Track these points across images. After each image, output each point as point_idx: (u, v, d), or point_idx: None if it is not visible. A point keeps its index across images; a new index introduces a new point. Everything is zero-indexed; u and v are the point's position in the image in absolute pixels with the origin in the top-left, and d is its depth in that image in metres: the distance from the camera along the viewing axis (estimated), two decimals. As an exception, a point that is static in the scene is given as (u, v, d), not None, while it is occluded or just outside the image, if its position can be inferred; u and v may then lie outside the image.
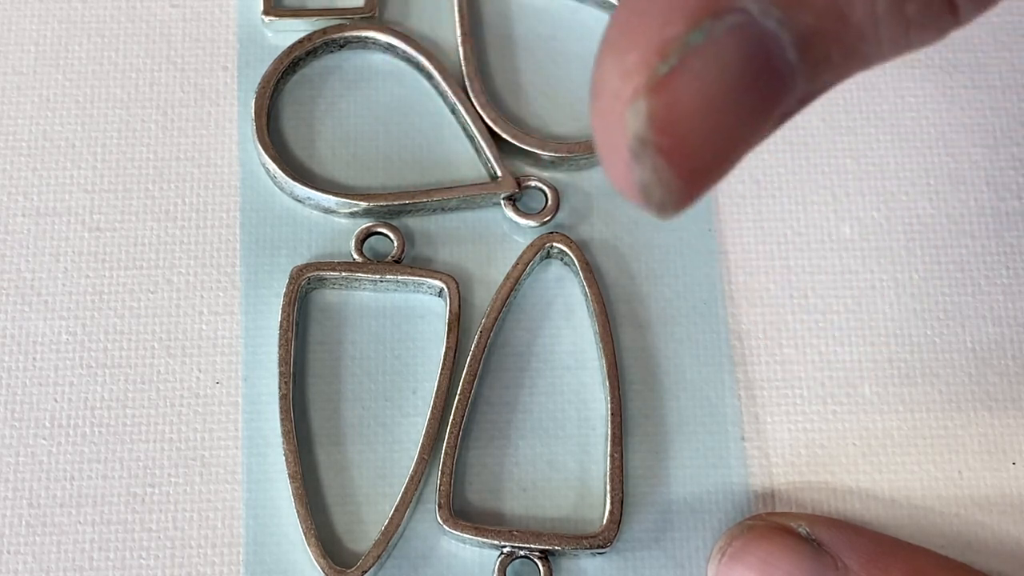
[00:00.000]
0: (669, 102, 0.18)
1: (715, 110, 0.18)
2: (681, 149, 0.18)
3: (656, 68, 0.18)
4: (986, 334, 0.30)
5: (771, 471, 0.29)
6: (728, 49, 0.18)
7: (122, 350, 0.29)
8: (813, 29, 0.19)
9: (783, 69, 0.19)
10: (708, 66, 0.18)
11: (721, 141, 0.19)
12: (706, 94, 0.18)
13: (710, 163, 0.19)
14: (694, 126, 0.18)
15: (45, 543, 0.28)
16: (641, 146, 0.18)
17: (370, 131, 0.32)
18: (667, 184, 0.19)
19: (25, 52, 0.32)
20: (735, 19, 0.18)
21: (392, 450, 0.29)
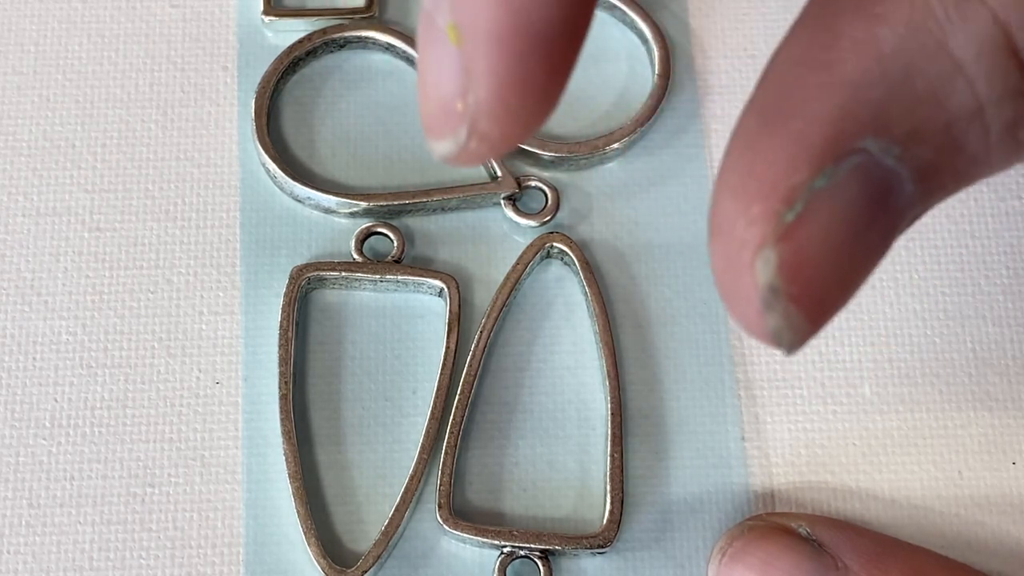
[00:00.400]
0: (797, 249, 0.18)
1: (842, 251, 0.18)
2: (811, 293, 0.18)
3: (783, 216, 0.18)
4: (986, 334, 0.30)
5: (771, 471, 0.29)
6: (851, 190, 0.18)
7: (122, 350, 0.29)
8: (930, 162, 0.19)
9: (902, 201, 0.19)
10: (833, 209, 0.18)
11: (847, 278, 0.19)
12: (833, 237, 0.18)
13: (837, 300, 0.19)
14: (822, 270, 0.18)
15: (45, 543, 0.28)
16: (773, 295, 0.18)
17: (370, 131, 0.32)
18: (797, 327, 0.19)
19: (25, 52, 0.32)
20: (856, 160, 0.18)
21: (392, 450, 0.29)
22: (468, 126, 0.19)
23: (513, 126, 0.19)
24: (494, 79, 0.18)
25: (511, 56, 0.18)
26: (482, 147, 0.19)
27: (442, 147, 0.20)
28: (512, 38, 0.18)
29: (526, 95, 0.19)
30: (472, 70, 0.18)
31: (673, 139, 0.32)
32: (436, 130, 0.19)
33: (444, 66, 0.19)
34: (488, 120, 0.19)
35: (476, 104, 0.18)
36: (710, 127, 0.32)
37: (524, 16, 0.18)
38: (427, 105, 0.19)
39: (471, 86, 0.18)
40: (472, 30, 0.18)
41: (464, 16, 0.18)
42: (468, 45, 0.18)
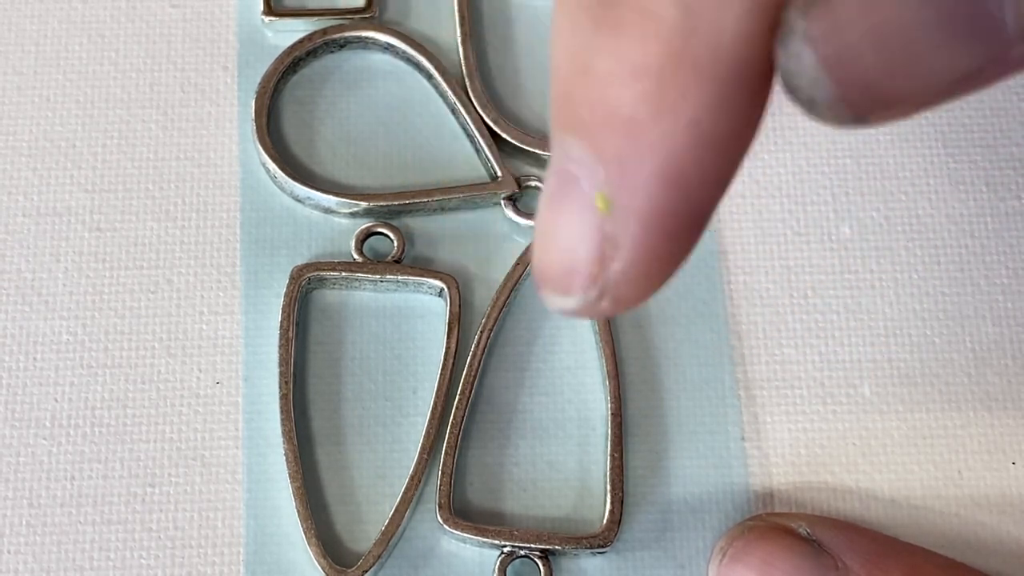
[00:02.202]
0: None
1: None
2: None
3: None
4: (986, 334, 0.30)
5: (771, 471, 0.29)
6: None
7: (122, 350, 0.29)
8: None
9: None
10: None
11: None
12: None
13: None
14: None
15: (45, 543, 0.28)
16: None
17: (370, 131, 0.32)
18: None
19: (25, 52, 0.32)
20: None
21: (392, 450, 0.29)
22: (600, 289, 0.18)
23: (649, 290, 0.18)
24: (644, 254, 0.17)
25: (666, 234, 0.17)
26: (613, 307, 0.18)
27: (563, 302, 0.19)
28: (671, 218, 0.17)
29: (670, 265, 0.18)
30: (619, 241, 0.17)
31: (673, 139, 0.32)
32: (558, 287, 0.18)
33: (582, 229, 0.18)
34: (626, 286, 0.18)
35: (619, 273, 0.18)
36: (710, 127, 0.32)
37: (689, 198, 0.17)
38: (550, 262, 0.18)
39: (615, 255, 0.18)
40: (628, 207, 0.17)
41: (623, 192, 0.17)
42: (620, 218, 0.17)
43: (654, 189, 0.17)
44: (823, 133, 0.32)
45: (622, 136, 0.17)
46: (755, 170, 0.32)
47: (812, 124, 0.32)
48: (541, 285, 0.19)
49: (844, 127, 0.17)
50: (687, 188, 0.17)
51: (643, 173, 0.17)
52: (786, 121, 0.32)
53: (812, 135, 0.32)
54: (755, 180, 0.31)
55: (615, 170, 0.17)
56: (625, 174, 0.17)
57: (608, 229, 0.18)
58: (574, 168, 0.18)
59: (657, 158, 0.17)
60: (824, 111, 0.17)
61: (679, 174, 0.17)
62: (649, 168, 0.17)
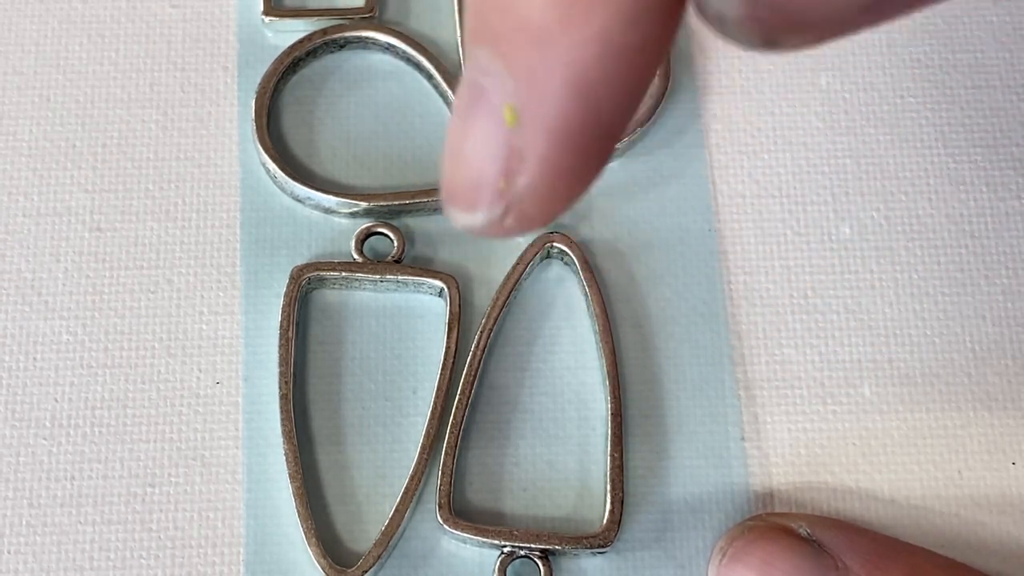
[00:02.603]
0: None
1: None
2: None
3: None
4: (986, 334, 0.30)
5: (771, 471, 0.29)
6: None
7: (122, 350, 0.29)
8: None
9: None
10: None
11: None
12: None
13: None
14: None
15: (45, 543, 0.28)
16: None
17: (370, 131, 0.32)
18: None
19: (25, 52, 0.32)
20: None
21: (392, 450, 0.29)
22: (507, 205, 0.18)
23: (555, 208, 0.18)
24: (550, 167, 0.17)
25: (573, 147, 0.17)
26: (519, 225, 0.18)
27: (469, 219, 0.19)
28: (580, 131, 0.17)
29: (577, 183, 0.18)
30: (525, 153, 0.17)
31: (673, 139, 0.32)
32: (465, 202, 0.18)
33: (489, 142, 0.18)
34: (532, 202, 0.18)
35: (524, 187, 0.18)
36: (710, 127, 0.32)
37: (597, 110, 0.17)
38: (458, 176, 0.18)
39: (521, 169, 0.18)
40: (536, 118, 0.17)
41: (531, 103, 0.17)
42: (527, 129, 0.17)
43: (562, 100, 0.17)
44: (823, 133, 0.32)
45: (531, 46, 0.17)
46: (755, 170, 0.32)
47: (812, 124, 0.32)
48: (447, 201, 0.19)
49: (754, 49, 0.17)
50: (595, 100, 0.17)
51: (551, 83, 0.17)
52: (786, 121, 0.32)
53: (812, 135, 0.32)
54: (755, 180, 0.31)
55: (524, 81, 0.17)
56: (534, 84, 0.17)
57: (515, 142, 0.17)
58: (484, 80, 0.18)
59: (566, 68, 0.17)
60: (733, 29, 0.16)
61: (587, 85, 0.17)
62: (558, 78, 0.17)
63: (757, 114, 0.32)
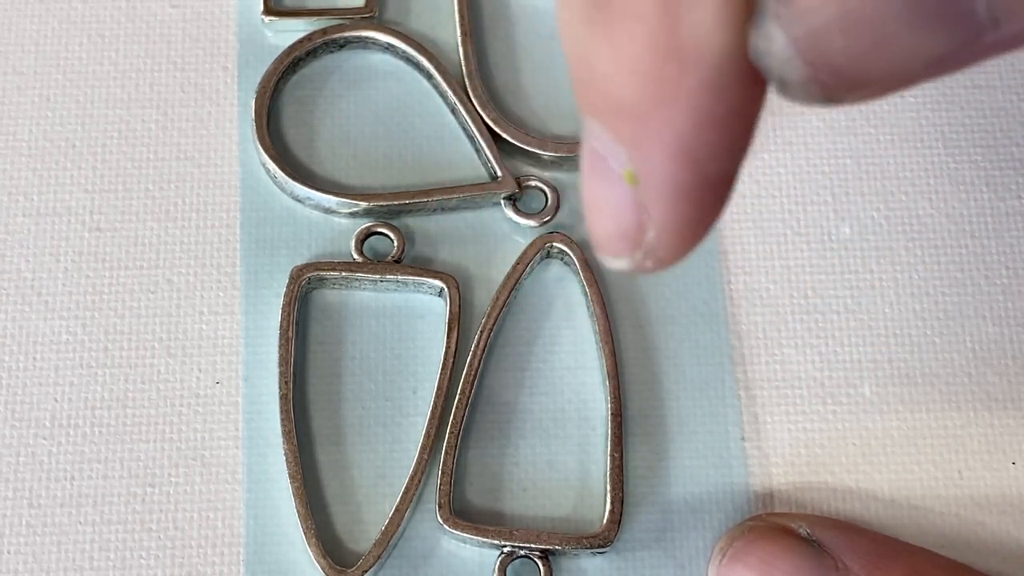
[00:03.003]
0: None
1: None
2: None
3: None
4: (986, 334, 0.30)
5: (771, 471, 0.29)
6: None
7: (122, 350, 0.29)
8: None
9: None
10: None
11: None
12: None
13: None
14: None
15: (45, 543, 0.28)
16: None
17: (370, 131, 0.32)
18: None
19: (25, 52, 0.32)
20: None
21: (392, 450, 0.29)
22: (644, 252, 0.20)
23: (685, 251, 0.20)
24: (673, 222, 0.19)
25: (689, 202, 0.19)
26: (657, 266, 0.20)
27: (618, 264, 0.20)
28: (691, 190, 0.18)
29: (700, 228, 0.19)
30: (650, 210, 0.19)
31: (673, 139, 0.32)
32: (612, 251, 0.20)
33: (619, 202, 0.19)
34: (665, 249, 0.19)
35: (655, 238, 0.19)
36: (710, 127, 0.32)
37: (703, 171, 0.18)
38: (601, 231, 0.20)
39: (649, 223, 0.19)
40: (650, 180, 0.18)
41: (642, 168, 0.18)
42: (646, 191, 0.19)
43: (668, 167, 0.18)
44: (823, 133, 0.32)
45: (632, 122, 0.18)
46: (755, 170, 0.32)
47: (812, 124, 0.32)
48: (596, 249, 0.21)
49: (816, 106, 0.18)
50: (699, 163, 0.18)
51: (656, 154, 0.18)
52: (786, 121, 0.32)
53: (812, 135, 0.32)
54: (755, 180, 0.31)
55: (633, 151, 0.18)
56: (641, 154, 0.18)
57: (640, 199, 0.19)
58: (600, 148, 0.19)
59: (665, 140, 0.18)
60: (795, 91, 0.17)
61: (688, 153, 0.18)
62: (660, 149, 0.18)
63: (757, 114, 0.32)
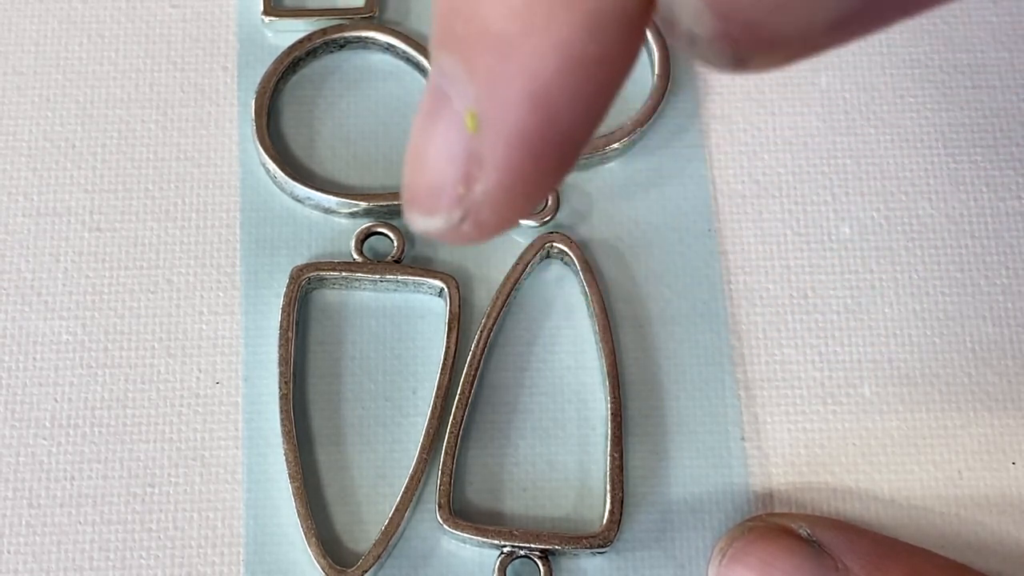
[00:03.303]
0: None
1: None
2: None
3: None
4: (986, 334, 0.30)
5: (771, 471, 0.29)
6: None
7: (122, 350, 0.29)
8: None
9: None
10: None
11: None
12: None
13: None
14: None
15: (45, 543, 0.28)
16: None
17: (370, 131, 0.32)
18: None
19: (25, 52, 0.32)
20: None
21: (392, 450, 0.29)
22: (465, 210, 0.18)
23: (513, 216, 0.18)
24: (508, 175, 0.17)
25: (532, 156, 0.17)
26: (475, 232, 0.18)
27: (427, 223, 0.19)
28: (539, 140, 0.17)
29: (533, 192, 0.18)
30: (484, 160, 0.17)
31: (673, 139, 0.32)
32: (424, 207, 0.18)
33: (450, 147, 0.18)
34: (489, 209, 0.18)
35: (482, 194, 0.18)
36: (710, 127, 0.32)
37: (556, 121, 0.17)
38: (418, 180, 0.18)
39: (479, 175, 0.18)
40: (495, 124, 0.17)
41: (490, 110, 0.17)
42: (487, 136, 0.17)
43: (521, 108, 0.17)
44: (823, 133, 0.32)
45: (492, 53, 0.17)
46: (755, 170, 0.32)
47: (812, 124, 0.32)
48: (408, 205, 0.19)
49: (723, 69, 0.17)
50: (555, 110, 0.17)
51: (511, 92, 0.17)
52: (786, 121, 0.32)
53: (812, 135, 0.32)
54: (755, 180, 0.31)
55: (484, 88, 0.17)
56: (494, 92, 0.17)
57: (475, 148, 0.17)
58: (447, 85, 0.18)
59: (525, 77, 0.17)
60: (705, 48, 0.16)
61: (547, 95, 0.17)
62: (517, 87, 0.17)
63: (757, 114, 0.32)
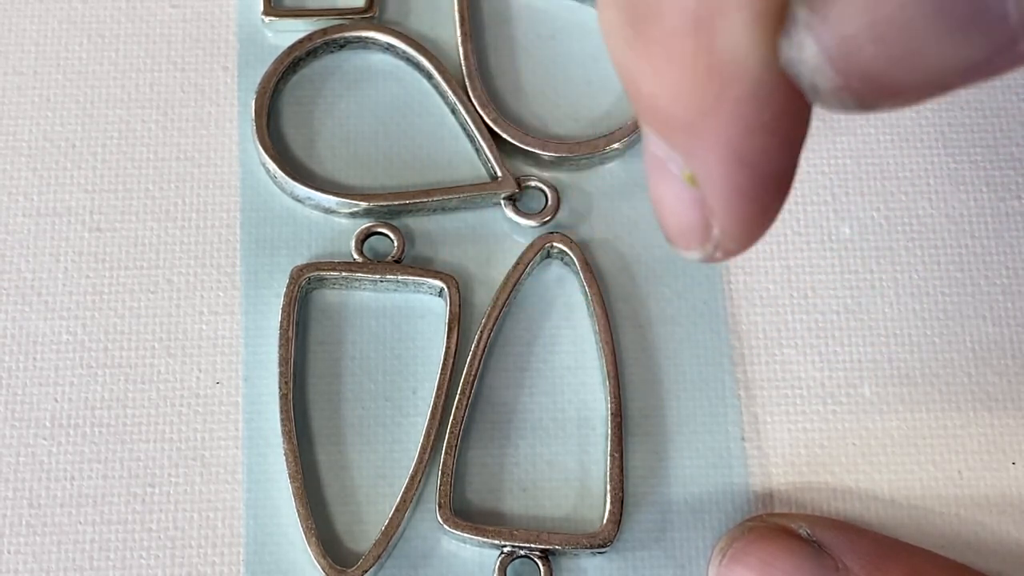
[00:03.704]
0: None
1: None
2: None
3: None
4: (986, 334, 0.30)
5: (771, 471, 0.29)
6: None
7: (122, 350, 0.29)
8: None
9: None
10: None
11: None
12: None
13: None
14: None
15: (45, 543, 0.28)
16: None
17: (370, 131, 0.32)
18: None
19: (25, 52, 0.32)
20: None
21: (392, 450, 0.29)
22: (713, 244, 0.21)
23: (753, 239, 0.21)
24: (736, 216, 0.20)
25: (747, 199, 0.19)
26: (727, 256, 0.21)
27: (691, 255, 0.21)
28: (748, 189, 0.19)
29: (763, 220, 0.20)
30: (713, 208, 0.20)
31: (673, 139, 0.32)
32: (684, 245, 0.21)
33: (683, 201, 0.20)
34: (731, 241, 0.20)
35: (721, 232, 0.20)
36: (710, 127, 0.32)
37: (758, 172, 0.19)
38: (671, 227, 0.21)
39: (714, 220, 0.20)
40: (708, 183, 0.19)
41: (699, 173, 0.19)
42: (707, 191, 0.20)
43: (723, 171, 0.19)
44: (823, 133, 0.32)
45: (683, 133, 0.19)
46: (755, 170, 0.32)
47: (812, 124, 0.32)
48: (670, 243, 0.22)
49: (849, 113, 0.18)
50: (752, 165, 0.19)
51: (710, 160, 0.19)
52: (786, 121, 0.32)
53: (812, 135, 0.32)
54: (755, 180, 0.31)
55: (687, 157, 0.19)
56: (696, 161, 0.19)
57: (702, 198, 0.20)
58: (659, 152, 0.20)
59: (717, 148, 0.19)
60: (827, 98, 0.17)
61: (740, 157, 0.19)
62: (714, 156, 0.19)
63: (757, 114, 0.32)
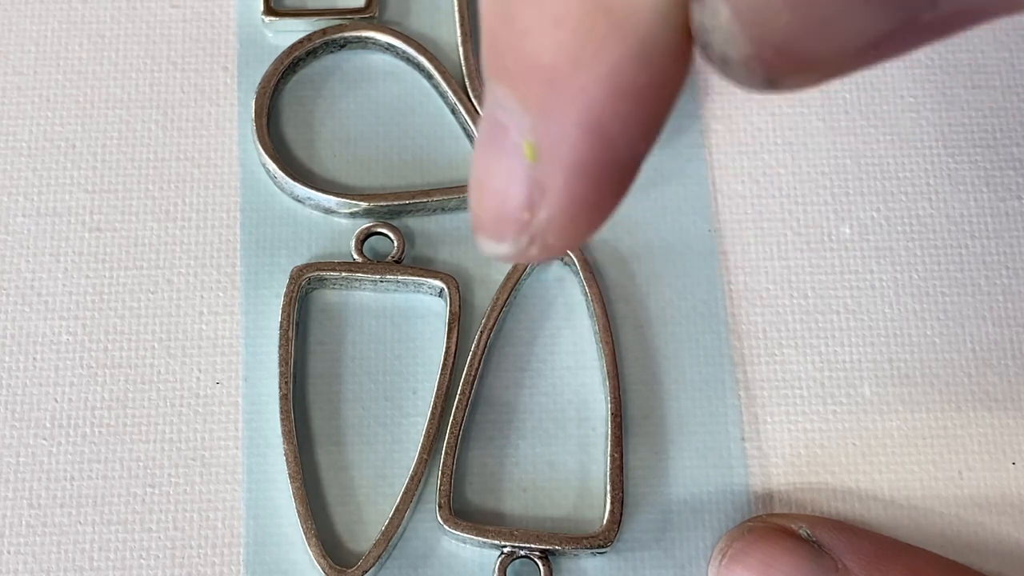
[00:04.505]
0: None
1: None
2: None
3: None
4: (986, 334, 0.30)
5: (771, 471, 0.29)
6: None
7: (122, 350, 0.29)
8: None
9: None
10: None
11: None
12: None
13: None
14: None
15: (45, 543, 0.28)
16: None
17: (370, 131, 0.32)
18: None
19: (25, 52, 0.32)
20: None
21: (392, 450, 0.29)
22: (531, 236, 0.19)
23: (576, 239, 0.19)
24: (569, 202, 0.18)
25: (590, 183, 0.18)
26: (542, 255, 0.19)
27: (496, 248, 0.19)
28: (596, 167, 0.18)
29: (597, 214, 0.18)
30: (545, 188, 0.18)
31: (673, 139, 0.32)
32: (492, 233, 0.19)
33: (512, 177, 0.18)
34: (554, 234, 0.18)
35: (546, 220, 0.18)
36: (710, 127, 0.32)
37: (610, 148, 0.17)
38: (485, 208, 0.19)
39: (542, 203, 0.18)
40: (553, 153, 0.17)
41: (546, 139, 0.17)
42: (546, 165, 0.18)
43: (575, 138, 0.17)
44: (823, 133, 0.32)
45: (544, 85, 0.17)
46: (755, 170, 0.32)
47: (812, 124, 0.32)
48: (476, 230, 0.19)
49: (755, 90, 0.17)
50: (608, 138, 0.17)
51: (565, 122, 0.17)
52: (786, 121, 0.32)
53: (812, 135, 0.32)
54: (755, 180, 0.31)
55: (539, 119, 0.17)
56: (548, 123, 0.17)
57: (535, 176, 0.18)
58: (503, 116, 0.18)
59: (577, 108, 0.17)
60: (737, 70, 0.17)
61: (599, 124, 0.17)
62: (570, 117, 0.17)
63: (757, 114, 0.32)
